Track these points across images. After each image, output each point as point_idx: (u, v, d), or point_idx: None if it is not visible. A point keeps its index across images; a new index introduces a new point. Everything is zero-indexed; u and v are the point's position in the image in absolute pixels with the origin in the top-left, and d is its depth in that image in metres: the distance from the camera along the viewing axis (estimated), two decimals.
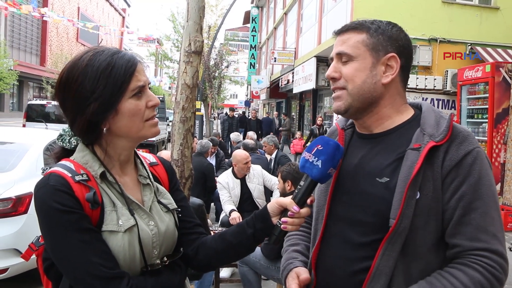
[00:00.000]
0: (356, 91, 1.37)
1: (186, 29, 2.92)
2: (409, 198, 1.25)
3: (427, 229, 1.27)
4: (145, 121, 1.30)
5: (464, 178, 1.25)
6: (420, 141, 1.29)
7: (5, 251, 3.93)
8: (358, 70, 1.37)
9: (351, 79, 1.38)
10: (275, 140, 7.95)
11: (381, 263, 1.27)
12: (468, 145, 1.27)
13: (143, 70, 1.32)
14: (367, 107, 1.40)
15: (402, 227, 1.25)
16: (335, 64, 1.42)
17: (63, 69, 1.28)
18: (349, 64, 1.38)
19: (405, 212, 1.24)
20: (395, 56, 1.37)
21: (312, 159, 1.34)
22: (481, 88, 8.92)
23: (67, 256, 1.19)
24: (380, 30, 1.38)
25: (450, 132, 1.29)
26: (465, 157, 1.26)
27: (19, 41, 37.29)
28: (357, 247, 1.36)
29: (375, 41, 1.37)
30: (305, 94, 21.06)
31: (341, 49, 1.40)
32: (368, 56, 1.37)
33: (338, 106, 1.42)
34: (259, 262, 3.93)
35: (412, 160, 1.27)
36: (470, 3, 11.96)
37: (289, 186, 4.06)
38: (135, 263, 1.28)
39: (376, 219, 1.32)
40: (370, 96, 1.38)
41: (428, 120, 1.34)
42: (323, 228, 1.46)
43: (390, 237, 1.26)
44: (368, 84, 1.37)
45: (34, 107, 13.77)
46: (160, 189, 1.45)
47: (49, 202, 1.18)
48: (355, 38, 1.38)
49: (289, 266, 1.52)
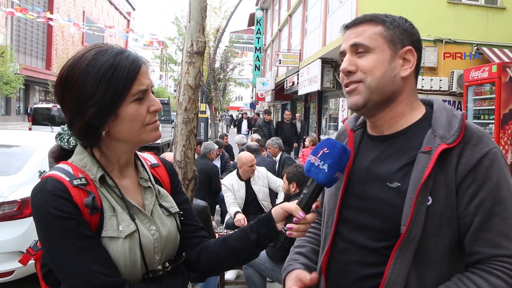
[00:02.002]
0: (376, 84, 1.31)
1: (188, 29, 2.91)
2: (420, 204, 1.20)
3: (440, 235, 1.22)
4: (145, 126, 1.26)
5: (481, 183, 1.19)
6: (431, 143, 1.24)
7: (11, 254, 3.94)
8: (377, 62, 1.31)
9: (371, 71, 1.31)
10: (279, 142, 7.92)
11: (394, 272, 1.23)
12: (484, 147, 1.21)
13: (147, 73, 1.27)
14: (386, 102, 1.34)
15: (413, 234, 1.20)
16: (350, 57, 1.35)
17: (63, 66, 1.23)
18: (367, 56, 1.32)
19: (415, 219, 1.20)
20: (411, 50, 1.34)
21: (317, 162, 1.29)
22: (488, 89, 8.86)
23: (65, 264, 1.15)
24: (396, 23, 1.34)
25: (462, 133, 1.23)
26: (481, 160, 1.20)
27: (25, 45, 37.60)
28: (367, 252, 1.32)
29: (392, 34, 1.33)
30: (310, 96, 21.02)
31: (357, 40, 1.33)
32: (387, 48, 1.32)
33: (356, 100, 1.34)
34: (264, 264, 3.91)
35: (423, 165, 1.22)
36: (476, 3, 11.88)
37: (294, 188, 4.04)
38: (136, 269, 1.24)
39: (386, 224, 1.27)
40: (389, 90, 1.32)
41: (440, 120, 1.28)
42: (333, 232, 1.42)
43: (401, 245, 1.22)
44: (388, 77, 1.31)
45: (40, 111, 13.86)
46: (161, 192, 1.40)
47: (46, 208, 1.13)
48: (372, 30, 1.33)
49: (288, 267, 1.49)
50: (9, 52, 30.00)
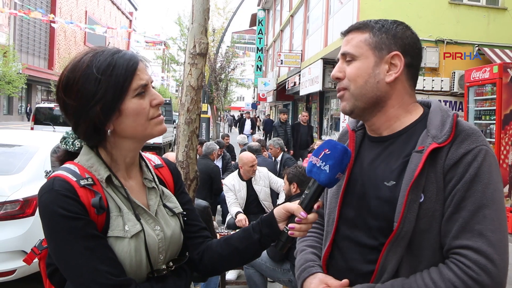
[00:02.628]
0: (359, 91, 1.36)
1: (191, 31, 2.93)
2: (411, 202, 1.23)
3: (432, 231, 1.25)
4: (150, 120, 1.27)
5: (460, 176, 1.22)
6: (425, 143, 1.27)
7: (13, 253, 3.96)
8: (360, 70, 1.36)
9: (354, 79, 1.37)
10: (280, 143, 7.93)
11: (385, 263, 1.27)
12: (470, 144, 1.24)
13: (145, 69, 1.29)
14: (373, 107, 1.38)
15: (404, 230, 1.23)
16: (340, 64, 1.42)
17: (63, 72, 1.26)
18: (352, 63, 1.38)
19: (407, 215, 1.23)
20: (398, 54, 1.35)
21: (319, 163, 1.32)
22: (489, 89, 8.85)
23: (72, 264, 1.16)
24: (384, 29, 1.37)
25: (453, 132, 1.26)
26: (464, 155, 1.22)
27: (28, 45, 37.65)
28: (366, 250, 1.35)
29: (378, 40, 1.36)
30: (312, 96, 21.02)
31: (345, 49, 1.40)
32: (371, 55, 1.36)
33: (344, 106, 1.42)
34: (265, 264, 3.93)
35: (415, 163, 1.25)
36: (477, 4, 11.88)
37: (294, 188, 4.05)
38: (141, 269, 1.26)
39: (383, 223, 1.31)
40: (373, 96, 1.36)
41: (434, 121, 1.31)
42: (334, 230, 1.45)
43: (393, 241, 1.25)
44: (370, 84, 1.36)
45: (42, 110, 13.88)
46: (165, 193, 1.42)
47: (53, 207, 1.15)
48: (358, 38, 1.38)
49: (310, 269, 1.49)
50: (11, 51, 30.07)
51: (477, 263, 1.15)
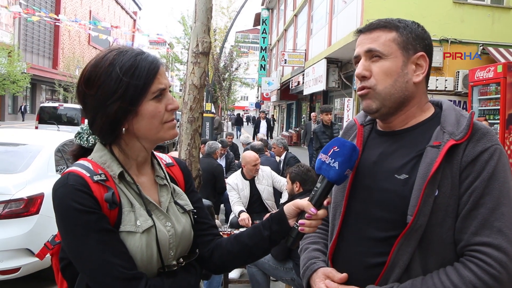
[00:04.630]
0: (388, 91, 1.36)
1: (194, 30, 2.94)
2: (427, 196, 1.24)
3: (444, 226, 1.26)
4: (163, 123, 1.30)
5: (478, 174, 1.23)
6: (440, 138, 1.29)
7: (17, 251, 3.99)
8: (390, 69, 1.35)
9: (383, 78, 1.36)
10: (284, 142, 7.94)
11: (397, 257, 1.28)
12: (486, 142, 1.26)
13: (165, 73, 1.32)
14: (399, 107, 1.39)
15: (418, 224, 1.25)
16: (365, 62, 1.39)
17: (85, 67, 1.28)
18: (380, 62, 1.36)
19: (422, 210, 1.24)
20: (424, 55, 1.37)
21: (328, 160, 1.34)
22: (493, 89, 8.84)
23: (85, 257, 1.18)
24: (409, 29, 1.37)
25: (470, 130, 1.27)
26: (481, 153, 1.24)
27: (32, 44, 37.79)
28: (374, 242, 1.36)
29: (405, 40, 1.36)
30: (316, 96, 21.02)
31: (372, 46, 1.37)
32: (400, 54, 1.36)
33: (369, 104, 1.39)
34: (268, 263, 3.93)
35: (431, 158, 1.27)
36: (482, 3, 11.85)
37: (297, 187, 4.06)
38: (152, 264, 1.27)
39: (394, 215, 1.31)
40: (402, 96, 1.37)
41: (449, 119, 1.33)
42: (340, 223, 1.46)
43: (407, 234, 1.26)
44: (399, 83, 1.36)
45: (47, 110, 13.94)
46: (176, 190, 1.44)
47: (68, 201, 1.17)
48: (386, 36, 1.37)
49: (312, 266, 1.51)
50: (16, 51, 30.19)
51: (499, 261, 1.16)
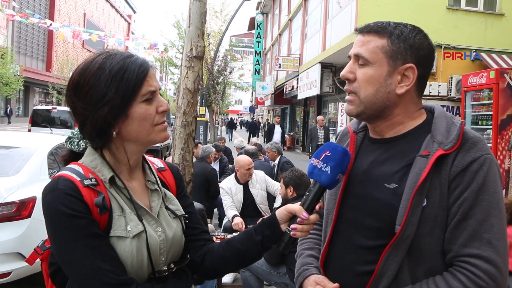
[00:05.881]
0: (369, 99, 1.35)
1: (188, 34, 2.94)
2: (415, 206, 1.24)
3: (433, 236, 1.26)
4: (154, 126, 1.30)
5: (467, 185, 1.23)
6: (430, 148, 1.28)
7: (8, 255, 3.95)
8: (372, 77, 1.34)
9: (364, 85, 1.35)
10: (278, 147, 7.94)
11: (385, 266, 1.27)
12: (476, 152, 1.25)
13: (155, 76, 1.31)
14: (380, 114, 1.38)
15: (407, 234, 1.24)
16: (351, 65, 1.38)
17: (74, 71, 1.27)
18: (365, 68, 1.35)
19: (410, 219, 1.24)
20: (412, 67, 1.33)
21: (320, 165, 1.34)
22: (486, 95, 8.89)
23: (75, 262, 1.17)
24: (403, 37, 1.33)
25: (460, 140, 1.26)
26: (471, 164, 1.24)
27: (26, 46, 37.62)
28: (363, 250, 1.36)
29: (395, 49, 1.33)
30: (310, 100, 21.07)
31: (359, 51, 1.36)
32: (385, 63, 1.33)
33: (350, 110, 1.41)
34: (261, 267, 3.93)
35: (420, 167, 1.26)
36: (475, 9, 11.95)
37: (291, 192, 4.06)
38: (143, 269, 1.26)
39: (382, 224, 1.31)
40: (382, 105, 1.36)
41: (439, 127, 1.32)
42: (331, 231, 1.46)
43: (395, 243, 1.26)
44: (381, 93, 1.34)
45: (40, 112, 13.86)
46: (168, 195, 1.43)
47: (57, 206, 1.16)
48: (375, 43, 1.34)
49: (305, 272, 1.51)
50: (9, 53, 30.05)
51: (487, 273, 1.17)
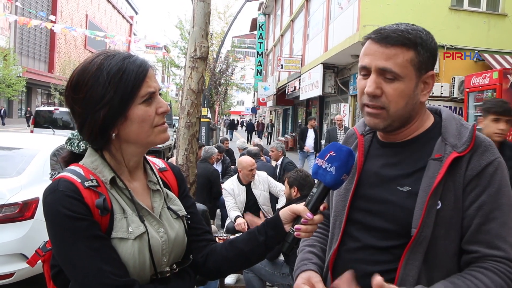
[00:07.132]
0: (400, 113, 1.33)
1: (192, 35, 2.94)
2: (430, 208, 1.25)
3: (448, 238, 1.27)
4: (154, 127, 1.28)
5: (484, 188, 1.25)
6: (442, 151, 1.29)
7: (12, 256, 3.95)
8: (404, 92, 1.31)
9: (396, 101, 1.31)
10: (283, 147, 7.94)
11: (405, 272, 1.28)
12: (490, 155, 1.28)
13: (154, 76, 1.30)
14: (404, 123, 1.38)
15: (423, 236, 1.25)
16: (376, 79, 1.31)
17: (73, 72, 1.26)
18: (396, 84, 1.30)
19: (426, 222, 1.25)
20: (433, 74, 1.36)
21: (325, 165, 1.33)
22: (489, 95, 8.87)
23: (76, 264, 1.16)
24: (426, 47, 1.31)
25: (473, 142, 1.28)
26: (486, 167, 1.26)
27: (28, 48, 37.73)
28: (375, 251, 1.37)
29: (422, 60, 1.31)
30: (312, 101, 21.05)
31: (388, 66, 1.29)
32: (414, 76, 1.31)
33: (376, 123, 1.36)
34: (264, 268, 3.92)
35: (433, 171, 1.27)
36: (477, 9, 11.92)
37: (295, 192, 4.05)
38: (145, 270, 1.26)
39: (395, 226, 1.32)
40: (408, 115, 1.35)
41: (450, 130, 1.34)
42: (341, 232, 1.46)
43: (412, 246, 1.27)
44: (410, 105, 1.34)
45: (42, 113, 13.88)
46: (169, 195, 1.42)
47: (58, 208, 1.15)
48: (404, 56, 1.29)
49: (302, 267, 1.51)
50: (12, 55, 30.14)
51: None
